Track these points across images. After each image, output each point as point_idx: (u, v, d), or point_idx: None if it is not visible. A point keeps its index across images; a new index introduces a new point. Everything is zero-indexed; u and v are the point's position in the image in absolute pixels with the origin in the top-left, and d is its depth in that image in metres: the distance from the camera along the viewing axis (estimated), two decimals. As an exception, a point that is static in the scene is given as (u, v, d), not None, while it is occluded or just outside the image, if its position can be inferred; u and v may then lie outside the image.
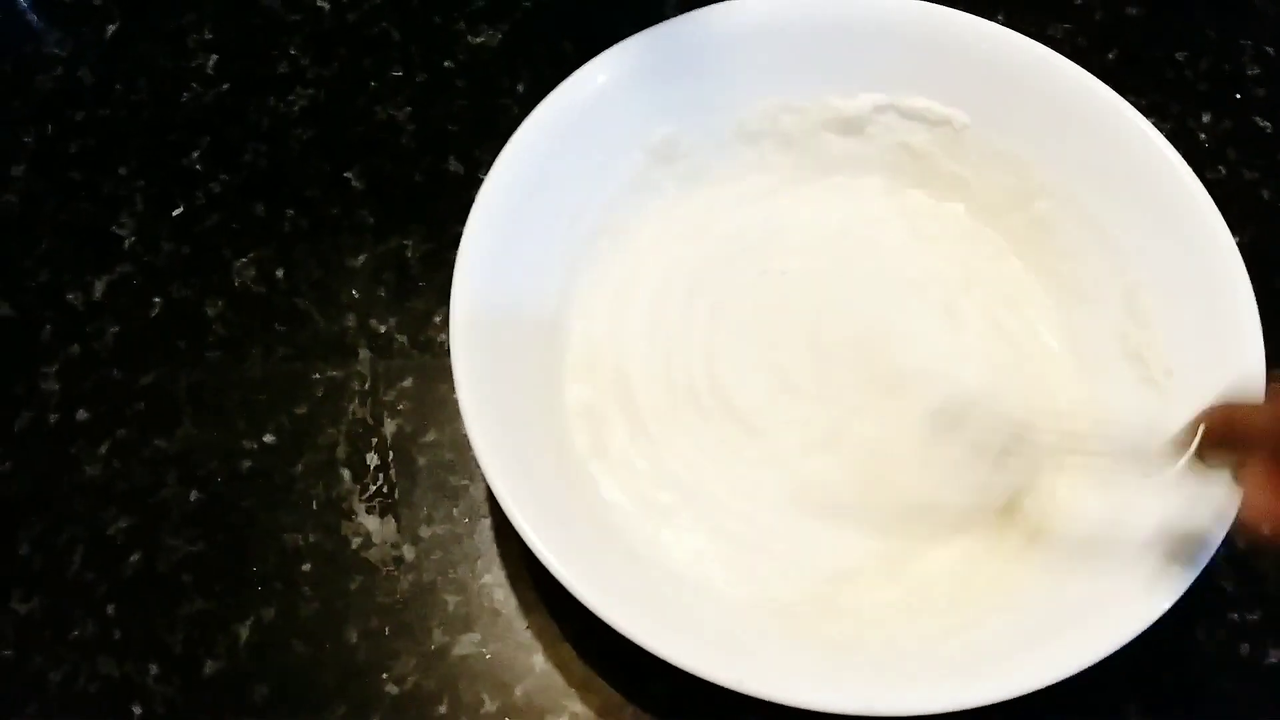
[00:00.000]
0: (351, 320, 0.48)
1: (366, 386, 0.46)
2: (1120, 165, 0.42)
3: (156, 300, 0.48)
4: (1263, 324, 0.38)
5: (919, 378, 0.43)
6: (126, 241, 0.50)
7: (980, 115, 0.45)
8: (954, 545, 0.40)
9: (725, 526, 0.40)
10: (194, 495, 0.44)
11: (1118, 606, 0.34)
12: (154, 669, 0.41)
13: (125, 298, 0.48)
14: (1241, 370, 0.37)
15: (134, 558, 0.43)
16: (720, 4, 0.45)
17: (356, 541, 0.43)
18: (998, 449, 0.41)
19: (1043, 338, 0.44)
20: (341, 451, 0.45)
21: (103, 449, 0.45)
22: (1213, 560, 0.35)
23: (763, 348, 0.44)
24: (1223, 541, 0.35)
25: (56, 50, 0.55)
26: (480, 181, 0.41)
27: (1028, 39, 0.44)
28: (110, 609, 0.42)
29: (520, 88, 0.53)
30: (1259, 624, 0.41)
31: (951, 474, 0.41)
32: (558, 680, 0.40)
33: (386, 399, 0.46)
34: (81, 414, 0.46)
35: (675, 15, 0.45)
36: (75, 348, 0.47)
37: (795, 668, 0.34)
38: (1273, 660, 0.41)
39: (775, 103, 0.46)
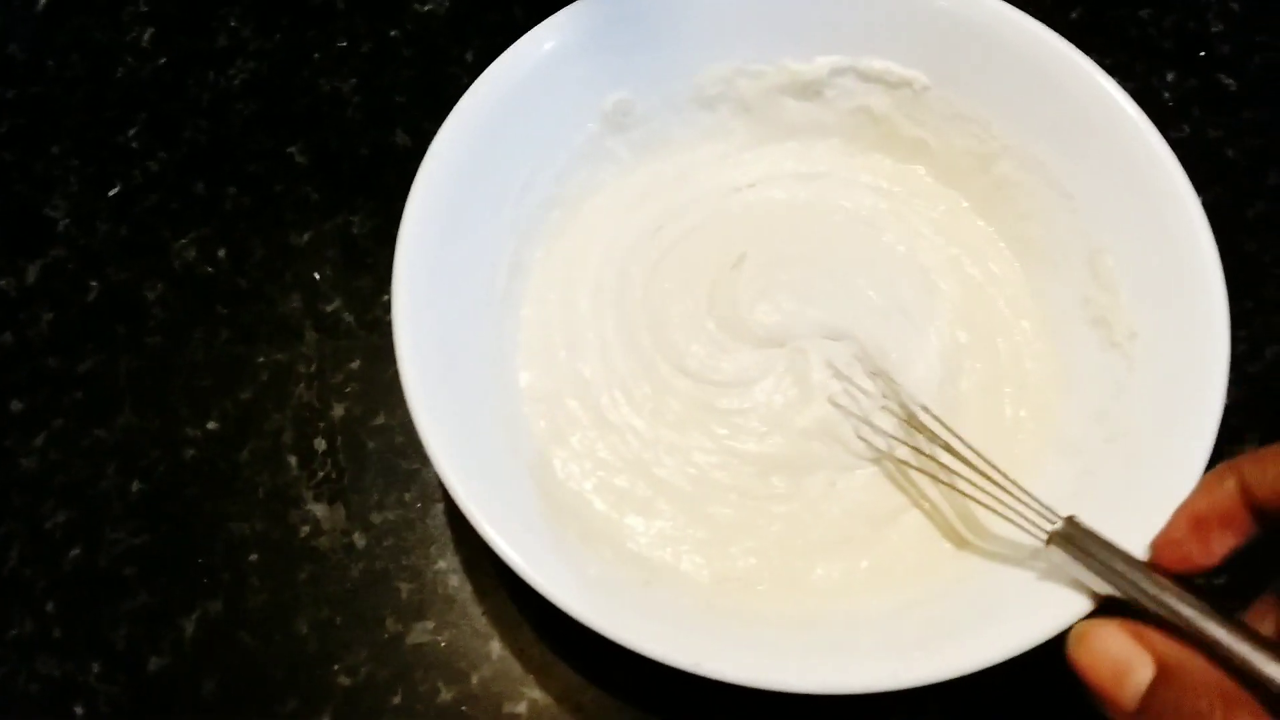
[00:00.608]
0: (297, 301, 0.46)
1: (313, 369, 0.45)
2: (1083, 125, 0.41)
3: (93, 284, 0.47)
4: (1228, 286, 0.37)
5: (873, 337, 0.42)
6: (60, 224, 0.48)
7: (940, 76, 0.43)
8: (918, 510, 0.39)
9: (686, 506, 0.39)
10: (136, 486, 0.43)
11: (1072, 579, 0.33)
12: (96, 667, 0.40)
13: (60, 282, 0.47)
14: (1206, 332, 0.36)
15: (74, 552, 0.42)
16: (674, -35, 0.43)
17: (305, 530, 0.42)
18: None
19: (1008, 300, 0.43)
20: (288, 437, 0.43)
21: (39, 440, 0.43)
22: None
23: (718, 313, 0.43)
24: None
25: (-16, 26, 0.53)
26: (428, 149, 0.40)
27: (987, -4, 0.42)
28: (50, 606, 0.41)
29: (469, 56, 0.52)
30: (1225, 589, 0.40)
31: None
32: (515, 667, 0.39)
33: (334, 382, 0.44)
34: (15, 405, 0.44)
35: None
36: (8, 335, 0.45)
37: (753, 648, 0.33)
38: (1243, 626, 0.40)
39: (731, 67, 0.44)
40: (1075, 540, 0.32)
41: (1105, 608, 0.32)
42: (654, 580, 0.37)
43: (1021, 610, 0.34)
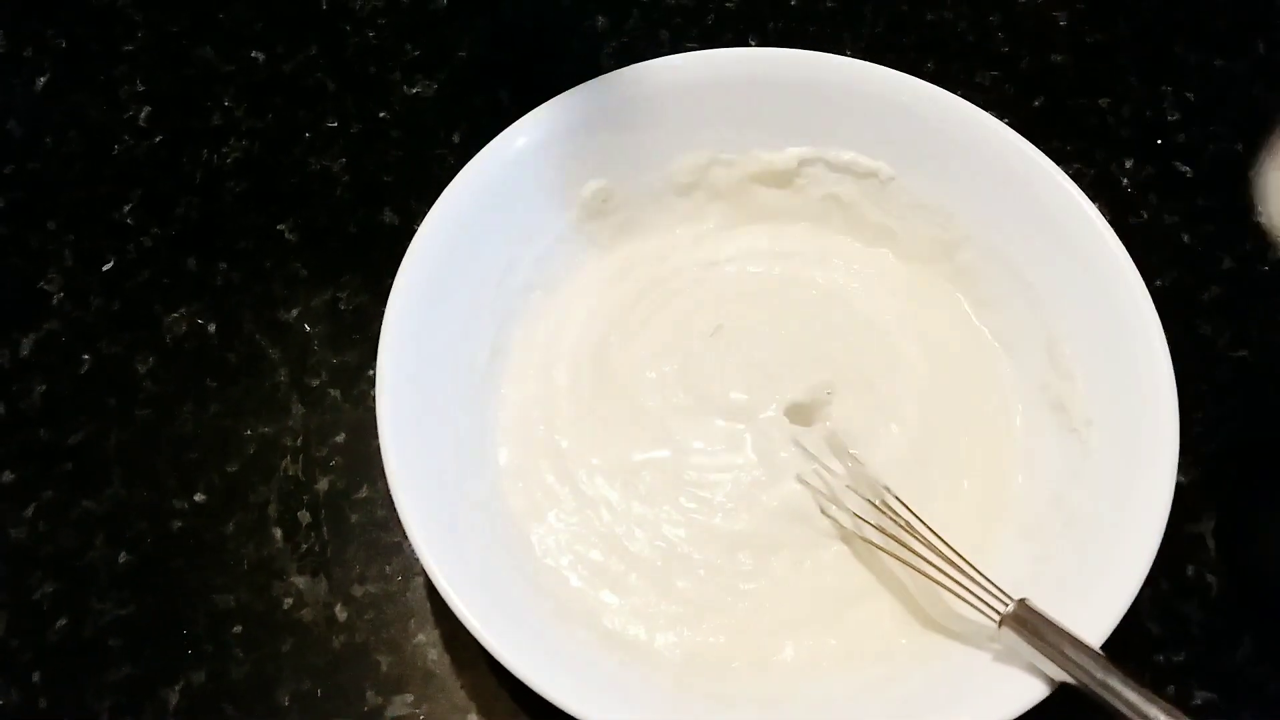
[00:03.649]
0: (284, 375, 0.47)
1: (299, 442, 0.46)
2: (1041, 217, 0.43)
3: (85, 357, 0.48)
4: (1183, 369, 0.39)
5: (841, 418, 0.43)
6: (55, 297, 0.49)
7: (904, 168, 0.45)
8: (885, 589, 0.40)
9: (657, 581, 0.40)
10: (123, 557, 0.44)
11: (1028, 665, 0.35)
12: (80, 738, 0.40)
13: (53, 355, 0.48)
14: (1155, 419, 0.38)
15: (60, 623, 0.42)
16: (652, 60, 0.45)
17: (288, 602, 0.43)
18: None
19: (973, 381, 0.45)
20: (273, 510, 0.44)
21: (29, 511, 0.44)
22: (1137, 601, 0.35)
23: (690, 383, 0.44)
24: (1145, 583, 0.35)
25: (-15, 103, 0.54)
26: (414, 233, 0.41)
27: (947, 93, 0.44)
28: (35, 676, 0.41)
29: (456, 138, 0.53)
30: (1184, 665, 0.42)
31: None
32: (492, 740, 0.40)
33: (319, 455, 0.45)
34: (7, 475, 0.45)
35: (610, 64, 0.45)
36: (1, 407, 0.46)
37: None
38: (1198, 701, 0.42)
39: (706, 156, 0.47)
40: (1026, 623, 0.34)
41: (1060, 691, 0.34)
42: (628, 658, 0.38)
43: (982, 691, 0.35)
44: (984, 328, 0.45)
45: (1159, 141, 0.54)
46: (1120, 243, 0.41)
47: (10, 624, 0.42)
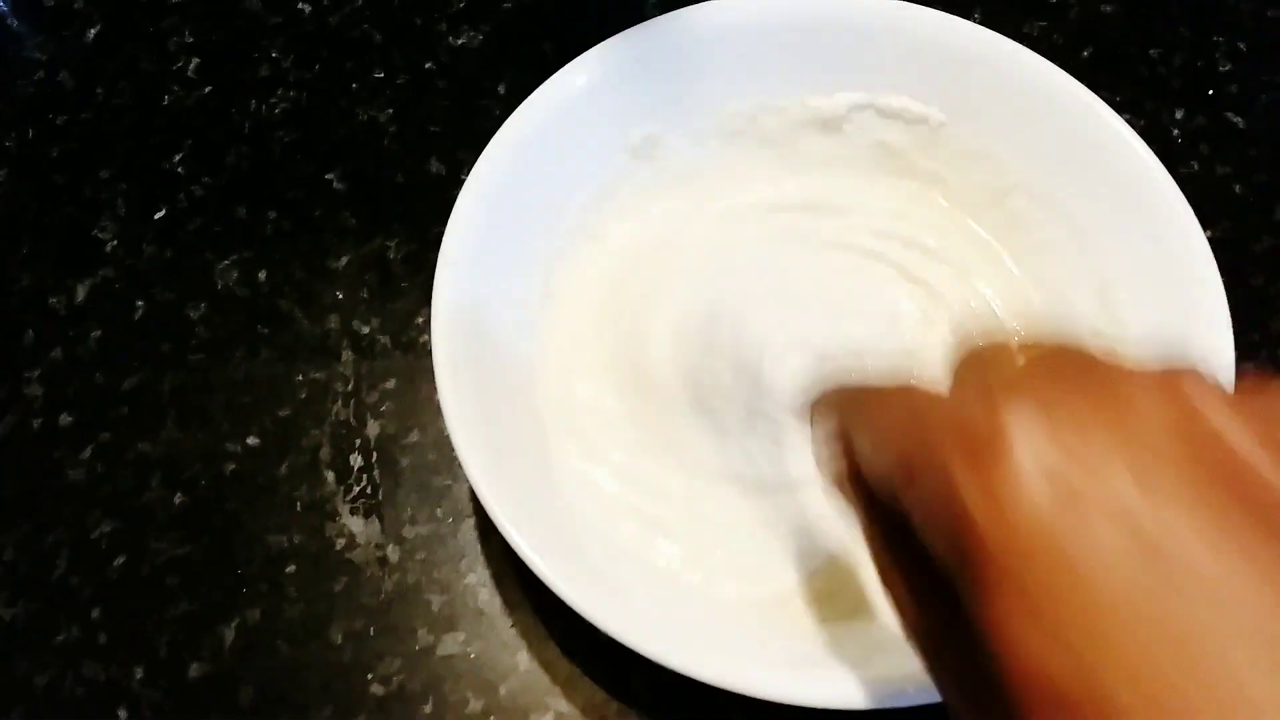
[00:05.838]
0: (334, 322, 0.48)
1: (349, 388, 0.46)
2: (1093, 161, 0.42)
3: (139, 304, 0.48)
4: (1235, 319, 0.39)
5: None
6: (109, 245, 0.50)
7: (956, 113, 0.45)
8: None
9: (712, 529, 0.40)
10: (178, 498, 0.44)
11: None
12: (139, 672, 0.41)
13: (108, 301, 0.49)
14: (1212, 366, 0.37)
15: (119, 561, 0.43)
16: (699, 4, 0.45)
17: (340, 543, 0.43)
18: None
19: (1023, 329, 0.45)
20: (325, 453, 0.45)
21: (86, 453, 0.45)
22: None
23: (743, 339, 0.44)
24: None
25: (37, 54, 0.55)
26: (462, 183, 0.41)
27: (1002, 37, 0.44)
28: (95, 613, 0.42)
29: (501, 89, 0.53)
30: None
31: None
32: (542, 679, 0.41)
33: (369, 400, 0.46)
34: (65, 418, 0.46)
35: (655, 15, 0.45)
36: (58, 352, 0.47)
37: (779, 661, 0.35)
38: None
39: (754, 102, 0.46)
40: None
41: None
42: (678, 595, 0.38)
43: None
44: (1034, 273, 0.45)
45: (1210, 92, 0.53)
46: (1178, 188, 0.41)
47: (70, 561, 0.43)
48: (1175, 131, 0.52)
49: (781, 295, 0.45)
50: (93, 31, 0.56)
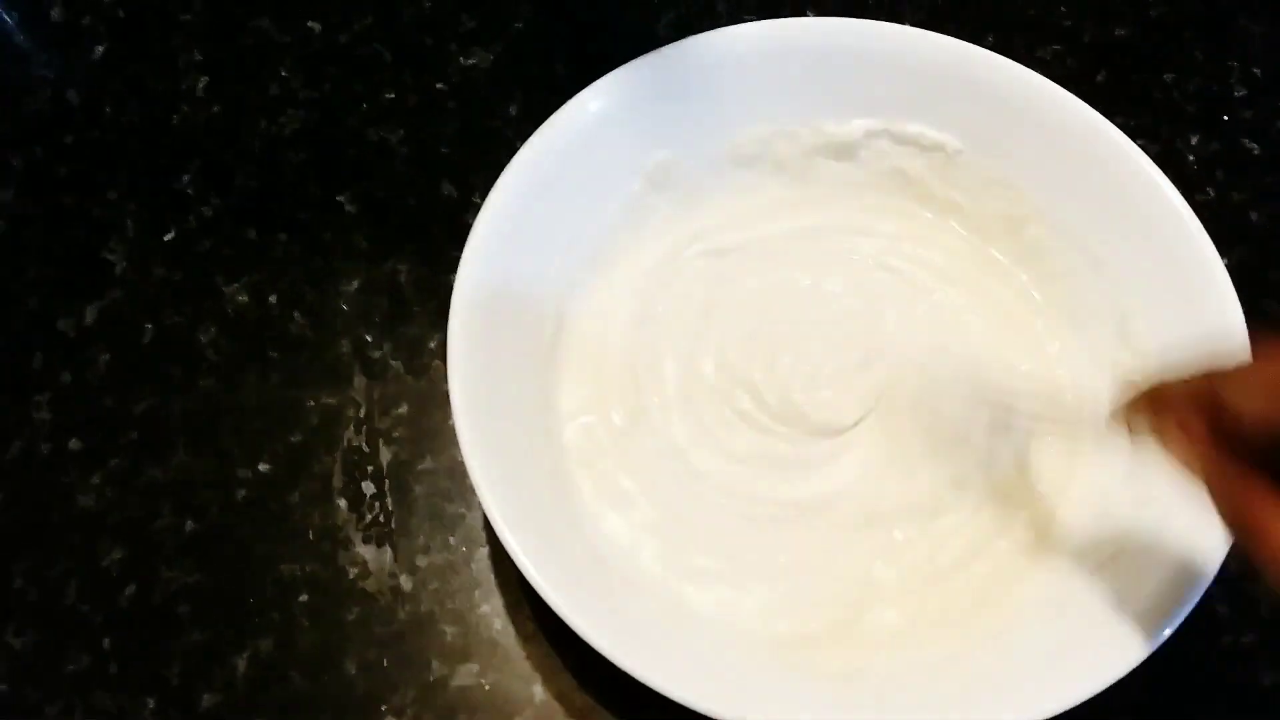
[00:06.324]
0: (346, 346, 0.47)
1: (362, 413, 0.46)
2: (1109, 189, 0.42)
3: (148, 327, 0.48)
4: (1252, 347, 0.39)
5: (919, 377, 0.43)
6: (118, 267, 0.49)
7: (972, 141, 0.45)
8: (973, 556, 0.41)
9: (729, 560, 0.40)
10: (189, 525, 0.44)
11: (1113, 636, 0.34)
12: (151, 703, 0.41)
13: (117, 324, 0.48)
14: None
15: (129, 590, 0.43)
16: (714, 30, 0.45)
17: (353, 571, 0.43)
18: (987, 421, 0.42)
19: (1042, 355, 0.45)
20: (337, 480, 0.45)
21: (96, 479, 0.45)
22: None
23: (761, 362, 0.44)
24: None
25: (44, 72, 0.55)
26: (474, 205, 0.41)
27: (1016, 64, 0.44)
28: (106, 642, 0.42)
29: (513, 110, 0.53)
30: (1253, 647, 0.42)
31: (955, 451, 0.42)
32: (557, 711, 0.40)
33: (382, 426, 0.46)
34: (74, 443, 0.46)
35: (668, 34, 0.45)
36: (67, 376, 0.47)
37: (795, 700, 0.34)
38: (1267, 683, 0.41)
39: (769, 128, 0.46)
40: None
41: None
42: (694, 629, 0.38)
43: (1067, 664, 0.35)
44: (1052, 303, 0.45)
45: (1225, 118, 0.53)
46: (1192, 212, 0.41)
47: (80, 589, 0.43)
48: (1190, 158, 0.52)
49: (800, 321, 0.45)
50: (100, 49, 0.55)
